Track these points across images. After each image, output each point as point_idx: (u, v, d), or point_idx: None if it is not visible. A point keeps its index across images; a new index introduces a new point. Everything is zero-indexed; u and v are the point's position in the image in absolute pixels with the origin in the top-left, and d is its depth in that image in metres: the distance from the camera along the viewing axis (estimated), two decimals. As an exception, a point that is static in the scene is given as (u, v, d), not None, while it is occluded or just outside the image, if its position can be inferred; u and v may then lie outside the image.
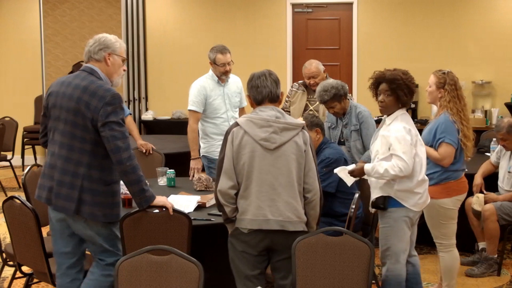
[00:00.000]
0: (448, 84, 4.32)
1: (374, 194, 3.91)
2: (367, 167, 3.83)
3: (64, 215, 3.48)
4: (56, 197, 3.46)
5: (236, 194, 3.44)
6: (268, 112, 3.45)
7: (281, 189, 3.40)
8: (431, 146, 4.29)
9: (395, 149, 3.74)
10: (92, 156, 3.41)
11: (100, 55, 3.52)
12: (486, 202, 5.13)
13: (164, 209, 3.60)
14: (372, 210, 4.01)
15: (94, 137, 3.40)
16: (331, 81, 5.20)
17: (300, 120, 3.97)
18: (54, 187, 3.46)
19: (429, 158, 4.21)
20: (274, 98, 3.51)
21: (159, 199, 3.61)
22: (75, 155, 3.41)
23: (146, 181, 3.54)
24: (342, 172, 3.98)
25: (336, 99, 5.02)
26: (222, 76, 5.42)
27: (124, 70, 3.62)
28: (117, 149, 3.36)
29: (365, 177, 3.94)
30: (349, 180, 4.00)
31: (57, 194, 3.45)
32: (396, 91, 3.82)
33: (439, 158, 4.27)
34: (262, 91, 3.49)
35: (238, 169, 3.42)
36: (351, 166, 3.99)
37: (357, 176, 3.95)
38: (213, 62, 5.38)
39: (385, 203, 3.85)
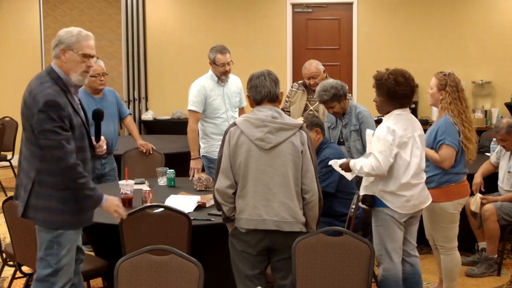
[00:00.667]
0: (449, 86, 4.29)
1: (361, 191, 3.96)
2: (351, 162, 3.90)
3: None
4: (17, 198, 3.37)
5: (235, 193, 3.45)
6: (265, 112, 3.45)
7: (276, 189, 3.40)
8: (431, 148, 4.27)
9: (372, 148, 3.79)
10: (41, 160, 3.22)
11: (56, 51, 3.27)
12: (483, 205, 5.12)
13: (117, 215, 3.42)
14: (363, 206, 4.03)
15: (38, 142, 3.20)
16: (330, 81, 5.19)
17: (299, 121, 3.97)
18: (18, 187, 3.37)
19: (429, 160, 4.20)
20: (273, 98, 3.51)
21: (110, 205, 3.38)
22: (32, 158, 3.26)
23: (91, 184, 3.28)
24: (337, 165, 4.03)
25: (336, 99, 5.02)
26: (222, 76, 5.42)
27: (89, 67, 3.28)
28: (54, 159, 3.17)
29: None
30: (348, 175, 4.03)
31: (18, 195, 3.37)
32: (378, 90, 3.86)
33: (439, 160, 4.24)
34: (261, 91, 3.49)
35: (235, 169, 3.42)
36: (342, 160, 4.03)
37: (345, 170, 4.00)
38: (213, 62, 5.39)
39: (372, 201, 3.87)
